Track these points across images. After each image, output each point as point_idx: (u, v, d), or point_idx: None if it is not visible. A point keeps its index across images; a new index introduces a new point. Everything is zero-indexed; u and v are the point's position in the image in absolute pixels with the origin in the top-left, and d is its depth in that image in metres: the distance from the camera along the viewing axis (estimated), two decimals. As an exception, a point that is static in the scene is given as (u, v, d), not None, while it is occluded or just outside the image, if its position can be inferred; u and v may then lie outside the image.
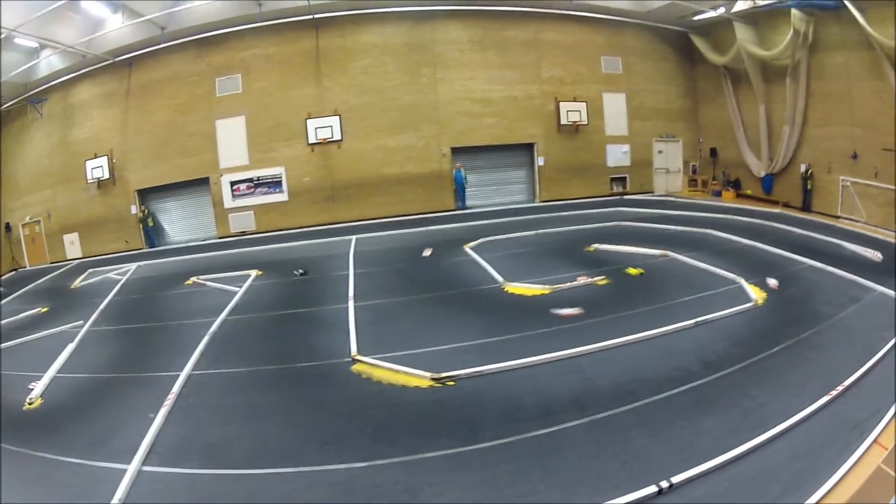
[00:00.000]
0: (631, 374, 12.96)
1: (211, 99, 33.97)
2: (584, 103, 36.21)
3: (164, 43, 33.04)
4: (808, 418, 10.98)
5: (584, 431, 10.74)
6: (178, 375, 14.81)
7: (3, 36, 27.22)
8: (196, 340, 17.16)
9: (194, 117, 34.15)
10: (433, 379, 13.04)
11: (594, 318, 16.34)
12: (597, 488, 9.20)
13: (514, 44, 35.16)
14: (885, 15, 24.82)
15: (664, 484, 9.11)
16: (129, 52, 34.00)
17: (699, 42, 37.11)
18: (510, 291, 19.10)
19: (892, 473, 9.33)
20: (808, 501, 8.77)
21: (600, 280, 19.69)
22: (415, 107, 34.05)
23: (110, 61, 34.30)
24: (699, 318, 15.76)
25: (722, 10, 32.68)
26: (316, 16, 32.46)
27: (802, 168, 31.77)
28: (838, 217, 29.85)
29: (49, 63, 34.50)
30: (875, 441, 10.32)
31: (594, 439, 10.48)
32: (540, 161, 36.80)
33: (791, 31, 29.38)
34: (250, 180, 34.07)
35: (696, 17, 35.12)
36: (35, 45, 32.01)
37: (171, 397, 13.62)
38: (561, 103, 36.13)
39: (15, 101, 36.55)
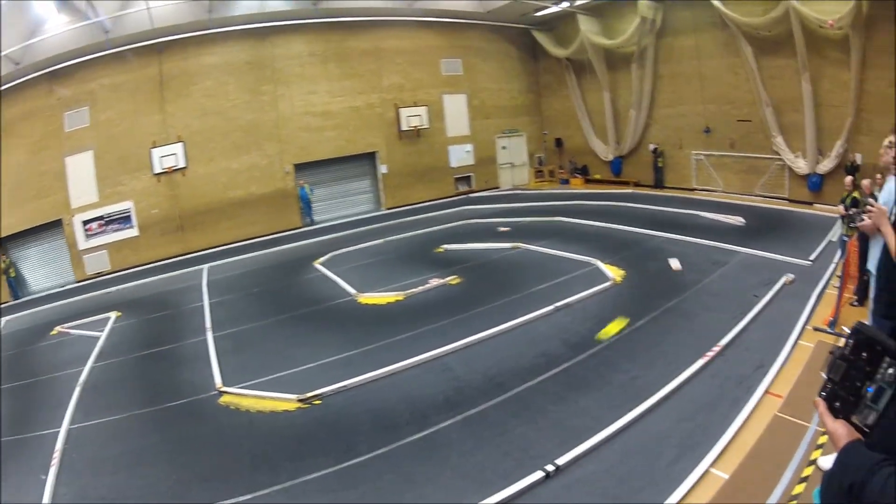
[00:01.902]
0: (498, 366, 12.97)
1: (60, 135, 32.27)
2: (425, 107, 36.26)
3: (18, 79, 31.58)
4: (688, 381, 11.06)
5: (461, 429, 10.63)
6: (58, 431, 14.12)
7: None
8: (67, 392, 16.38)
9: (46, 156, 32.53)
10: (300, 400, 12.78)
11: (453, 316, 16.30)
12: (484, 482, 9.04)
13: (355, 54, 34.92)
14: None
15: (550, 468, 9.06)
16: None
17: (541, 37, 37.61)
18: (364, 302, 18.91)
19: (793, 419, 9.45)
20: (708, 456, 8.80)
21: (452, 280, 19.60)
22: (256, 125, 33.39)
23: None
24: (558, 303, 15.87)
25: (566, 5, 33.11)
26: (160, 39, 31.30)
27: (651, 147, 32.68)
28: (693, 189, 30.85)
29: None
30: (767, 392, 10.43)
31: (472, 435, 10.37)
32: (383, 169, 36.35)
33: (638, 20, 30.15)
34: (101, 218, 32.54)
35: (538, 14, 35.38)
36: None
37: (57, 455, 12.97)
38: (401, 109, 35.93)
39: None
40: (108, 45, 29.75)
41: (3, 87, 30.02)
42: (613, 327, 14.20)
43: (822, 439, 8.84)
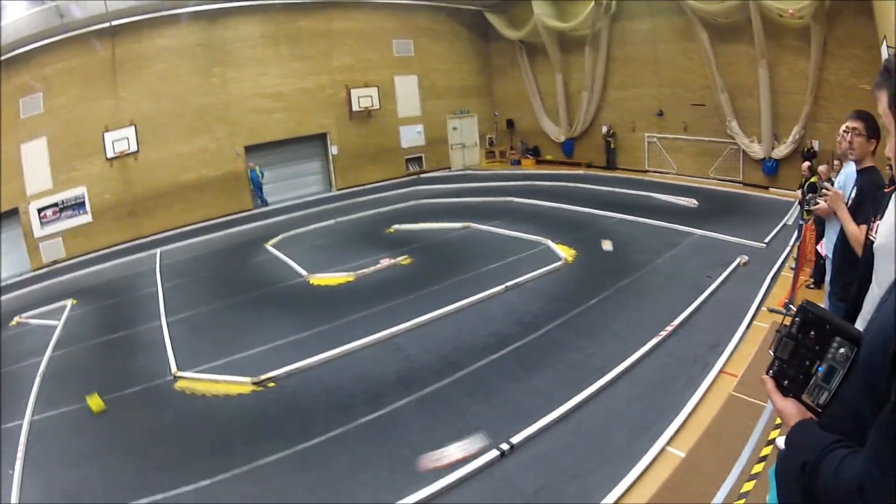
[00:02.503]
0: (450, 345, 12.97)
1: (17, 122, 31.80)
2: (376, 88, 36.08)
3: None
4: (642, 360, 11.17)
5: (415, 408, 10.65)
6: (21, 423, 14.10)
7: None
8: (30, 383, 16.27)
9: (5, 144, 32.24)
10: (254, 383, 12.71)
11: (404, 296, 16.35)
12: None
13: (306, 35, 34.75)
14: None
15: (504, 446, 9.10)
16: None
17: (494, 19, 37.53)
18: (316, 283, 18.88)
19: (749, 399, 9.51)
20: (663, 435, 8.92)
21: (403, 260, 19.56)
22: (207, 108, 33.22)
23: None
24: (509, 283, 15.96)
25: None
26: (113, 22, 30.75)
27: (604, 129, 32.88)
28: (646, 171, 31.20)
29: None
30: (722, 371, 10.53)
31: (426, 414, 10.40)
32: (334, 150, 36.07)
33: (592, 3, 30.26)
34: (55, 205, 32.11)
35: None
36: None
37: (21, 448, 12.95)
38: (352, 90, 35.48)
39: None
40: (64, 29, 29.52)
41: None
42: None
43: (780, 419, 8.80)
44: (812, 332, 2.50)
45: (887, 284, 2.54)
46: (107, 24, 30.21)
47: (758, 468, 7.98)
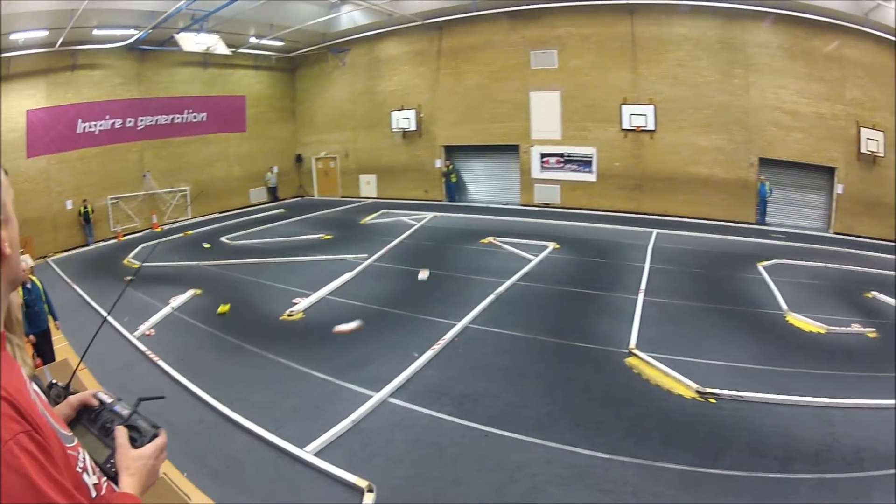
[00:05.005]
0: (869, 439, 11.83)
1: (525, 70, 35.70)
2: (882, 133, 32.48)
3: (475, 12, 35.26)
4: None
5: (811, 487, 10.10)
6: (454, 325, 16.51)
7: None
8: (480, 296, 18.79)
9: (507, 86, 36.23)
10: (698, 392, 13.15)
11: (859, 370, 14.89)
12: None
13: (819, 56, 32.88)
14: None
15: None
16: (437, 17, 36.70)
17: None
18: (790, 322, 18.29)
19: None
20: None
21: (870, 332, 17.46)
22: (726, 108, 33.70)
23: (419, 23, 37.22)
24: None
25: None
26: (630, 1, 32.93)
27: None
28: None
29: (351, 17, 38.22)
30: None
31: (815, 497, 9.95)
32: (839, 189, 33.35)
33: None
34: (561, 155, 35.70)
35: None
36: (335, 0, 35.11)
37: (442, 343, 15.24)
38: (861, 129, 32.17)
39: (313, 47, 41.34)
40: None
41: (456, 16, 35.59)
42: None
43: None
44: None
45: None
46: (622, 2, 32.85)
47: None
